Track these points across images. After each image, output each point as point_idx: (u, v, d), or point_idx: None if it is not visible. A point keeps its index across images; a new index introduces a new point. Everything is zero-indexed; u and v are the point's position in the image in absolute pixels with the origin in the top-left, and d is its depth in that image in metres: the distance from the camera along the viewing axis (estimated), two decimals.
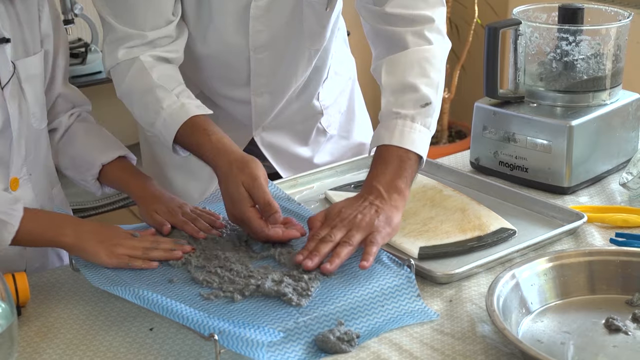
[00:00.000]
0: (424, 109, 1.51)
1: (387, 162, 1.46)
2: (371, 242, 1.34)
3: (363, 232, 1.35)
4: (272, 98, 1.79)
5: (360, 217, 1.37)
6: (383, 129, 1.50)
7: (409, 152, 1.47)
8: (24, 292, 1.31)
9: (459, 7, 3.83)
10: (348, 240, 1.34)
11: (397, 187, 1.43)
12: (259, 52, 1.71)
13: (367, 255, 1.32)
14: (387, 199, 1.41)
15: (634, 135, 1.80)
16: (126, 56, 1.56)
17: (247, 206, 1.40)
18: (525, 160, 1.71)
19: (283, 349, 1.18)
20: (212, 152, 1.48)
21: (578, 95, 1.71)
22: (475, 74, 3.43)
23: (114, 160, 1.59)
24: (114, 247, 1.37)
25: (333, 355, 1.20)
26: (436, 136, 3.96)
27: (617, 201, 1.66)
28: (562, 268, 1.33)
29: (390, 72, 1.56)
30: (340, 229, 1.36)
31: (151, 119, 1.54)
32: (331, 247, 1.33)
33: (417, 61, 1.54)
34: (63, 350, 1.23)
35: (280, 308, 1.23)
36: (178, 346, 1.23)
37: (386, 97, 1.54)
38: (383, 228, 1.37)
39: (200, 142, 1.50)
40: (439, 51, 1.57)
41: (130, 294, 1.25)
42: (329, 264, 1.31)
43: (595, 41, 1.70)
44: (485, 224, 1.51)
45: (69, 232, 1.37)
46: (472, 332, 1.25)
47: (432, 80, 1.54)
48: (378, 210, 1.39)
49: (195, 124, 1.51)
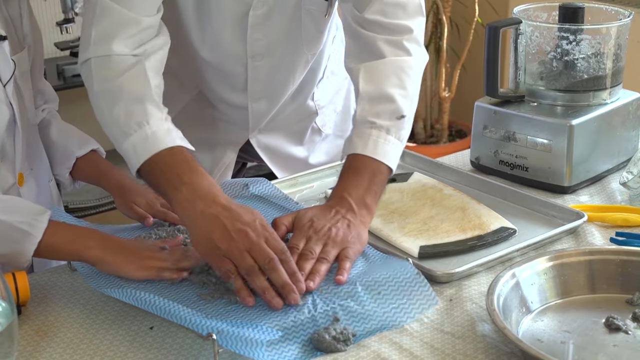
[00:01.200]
0: (399, 121, 1.50)
1: (359, 174, 1.46)
2: (346, 257, 1.33)
3: (338, 247, 1.34)
4: (268, 103, 1.80)
5: (334, 231, 1.36)
6: (357, 137, 1.49)
7: (381, 165, 1.47)
8: (24, 291, 1.31)
9: (460, 7, 3.83)
10: (325, 257, 1.32)
11: (367, 203, 1.43)
12: (257, 59, 1.71)
13: (342, 270, 1.31)
14: (357, 214, 1.41)
15: (635, 135, 1.80)
16: (122, 50, 1.42)
17: None
18: (526, 160, 1.71)
19: (280, 347, 1.18)
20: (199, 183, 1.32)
21: (578, 95, 1.71)
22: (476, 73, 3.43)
23: (87, 154, 1.60)
24: (144, 260, 1.32)
25: (332, 355, 1.20)
26: (436, 135, 3.96)
27: (617, 200, 1.66)
28: (563, 267, 1.33)
29: (368, 79, 1.54)
30: (316, 243, 1.34)
31: (130, 130, 1.36)
32: (312, 263, 1.31)
33: (394, 72, 1.54)
34: (63, 349, 1.23)
35: None
36: (178, 345, 1.23)
37: (362, 105, 1.52)
38: (354, 244, 1.36)
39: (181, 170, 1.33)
40: (417, 63, 1.57)
41: (128, 296, 1.24)
42: (312, 282, 1.27)
43: (596, 40, 1.70)
44: (485, 223, 1.51)
45: (94, 244, 1.32)
46: (472, 331, 1.25)
47: (408, 92, 1.53)
48: (350, 226, 1.38)
49: (180, 153, 1.36)
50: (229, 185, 1.61)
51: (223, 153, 1.87)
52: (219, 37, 1.68)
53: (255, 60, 1.71)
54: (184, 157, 1.35)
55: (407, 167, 1.81)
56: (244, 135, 1.86)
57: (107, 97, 1.41)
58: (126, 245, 1.34)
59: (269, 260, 1.23)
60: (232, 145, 1.88)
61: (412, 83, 1.55)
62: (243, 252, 1.23)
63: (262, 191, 1.60)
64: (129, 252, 1.32)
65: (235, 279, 1.24)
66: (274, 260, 1.24)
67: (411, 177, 1.72)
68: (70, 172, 1.61)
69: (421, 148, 3.74)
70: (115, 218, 1.58)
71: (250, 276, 1.23)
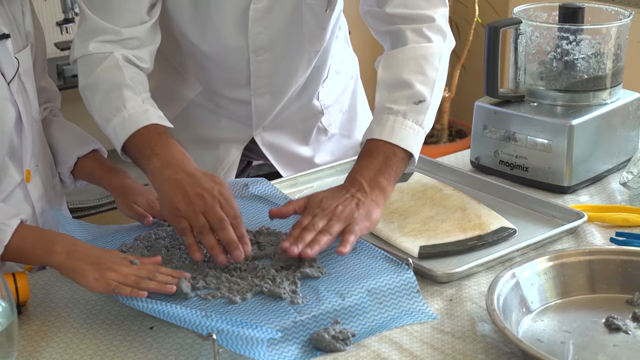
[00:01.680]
0: (417, 106, 1.51)
1: (372, 157, 1.47)
2: (349, 232, 1.36)
3: (343, 222, 1.37)
4: (272, 99, 1.80)
5: (340, 208, 1.39)
6: (374, 123, 1.51)
7: (395, 149, 1.48)
8: (24, 291, 1.31)
9: (460, 6, 3.83)
10: (328, 230, 1.36)
11: (380, 183, 1.44)
12: (259, 54, 1.71)
13: (345, 242, 1.34)
14: (368, 193, 1.43)
15: (634, 135, 1.80)
16: (98, 49, 1.53)
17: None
18: (526, 160, 1.71)
19: (280, 348, 1.18)
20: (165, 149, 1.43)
21: (578, 95, 1.71)
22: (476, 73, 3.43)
23: (89, 154, 1.60)
24: (105, 271, 1.26)
25: (332, 354, 1.20)
26: (436, 135, 3.96)
27: (617, 200, 1.66)
28: (563, 267, 1.33)
29: (386, 67, 1.56)
30: (321, 218, 1.38)
31: (110, 115, 1.48)
32: (313, 235, 1.35)
33: (414, 58, 1.54)
34: (63, 349, 1.23)
35: (278, 307, 1.23)
36: (178, 345, 1.23)
37: (380, 92, 1.54)
38: (362, 221, 1.38)
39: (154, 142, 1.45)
40: (438, 49, 1.57)
41: (127, 300, 1.24)
42: (310, 249, 1.33)
43: (596, 40, 1.70)
44: (485, 223, 1.51)
45: (60, 250, 1.29)
46: (472, 331, 1.25)
47: (428, 77, 1.53)
48: (359, 204, 1.40)
49: (154, 129, 1.47)
50: (231, 185, 1.61)
51: (227, 151, 1.88)
52: (220, 32, 1.68)
53: (257, 54, 1.71)
54: (157, 132, 1.46)
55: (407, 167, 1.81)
56: (248, 133, 1.86)
57: (89, 89, 1.54)
58: (92, 254, 1.29)
59: (219, 220, 1.34)
60: (237, 144, 1.88)
61: (433, 69, 1.54)
62: (198, 214, 1.34)
63: (262, 191, 1.60)
64: (92, 262, 1.27)
65: (188, 236, 1.35)
66: (224, 221, 1.34)
67: (411, 177, 1.72)
68: (71, 171, 1.61)
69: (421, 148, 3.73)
70: (115, 218, 1.58)
71: (201, 234, 1.34)
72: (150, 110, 1.49)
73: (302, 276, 1.31)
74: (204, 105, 1.85)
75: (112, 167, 1.59)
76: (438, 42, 1.58)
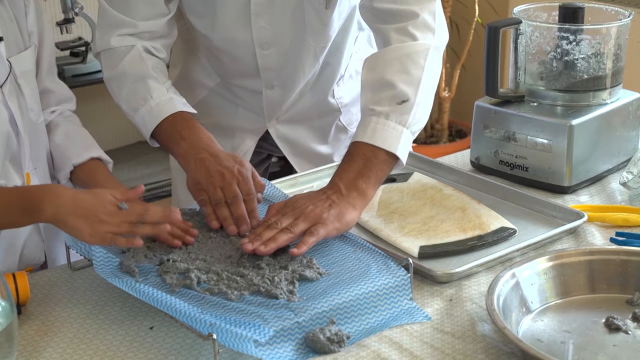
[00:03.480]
0: (400, 106, 1.49)
1: (353, 160, 1.47)
2: (311, 233, 1.36)
3: (308, 222, 1.38)
4: (282, 91, 1.82)
5: (311, 208, 1.39)
6: (359, 126, 1.51)
7: (377, 151, 1.47)
8: (24, 290, 1.31)
9: (460, 6, 3.84)
10: (290, 228, 1.37)
11: (358, 186, 1.44)
12: (265, 48, 1.74)
13: (301, 244, 1.35)
14: (345, 195, 1.43)
15: (634, 135, 1.80)
16: (120, 43, 1.63)
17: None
18: (526, 160, 1.71)
19: (275, 347, 1.18)
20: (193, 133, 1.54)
21: (578, 95, 1.71)
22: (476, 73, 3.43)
23: (88, 162, 1.58)
24: (98, 224, 1.29)
25: (332, 355, 1.20)
26: (436, 135, 3.96)
27: (617, 200, 1.66)
28: (562, 267, 1.33)
29: (370, 68, 1.56)
30: (288, 217, 1.39)
31: (137, 105, 1.59)
32: (274, 233, 1.36)
33: (397, 58, 1.53)
34: (63, 349, 1.23)
35: (275, 307, 1.23)
36: (178, 345, 1.23)
37: (364, 94, 1.54)
38: (331, 222, 1.38)
39: (181, 127, 1.55)
40: (424, 47, 1.54)
41: (128, 287, 1.25)
42: (264, 246, 1.34)
43: (596, 40, 1.70)
44: (485, 223, 1.51)
45: (46, 207, 1.30)
46: (472, 331, 1.25)
47: (412, 77, 1.51)
48: (332, 205, 1.41)
49: (180, 116, 1.58)
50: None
51: (241, 140, 1.91)
52: (226, 25, 1.71)
53: (263, 49, 1.74)
54: (183, 118, 1.57)
55: (407, 167, 1.81)
56: (262, 124, 1.89)
57: (115, 81, 1.64)
58: (81, 205, 1.30)
59: (233, 196, 1.45)
60: (251, 134, 1.90)
61: (418, 67, 1.52)
62: (217, 188, 1.46)
63: (264, 192, 1.60)
64: (83, 215, 1.29)
65: (207, 207, 1.46)
66: (238, 197, 1.45)
67: (411, 177, 1.72)
68: (70, 178, 1.60)
69: (421, 148, 3.74)
70: None
71: (217, 206, 1.45)
72: (175, 99, 1.60)
73: (300, 278, 1.31)
74: (222, 94, 1.89)
75: (106, 177, 1.58)
76: (425, 39, 1.55)
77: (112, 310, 1.32)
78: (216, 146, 1.54)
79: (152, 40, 1.65)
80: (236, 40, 1.73)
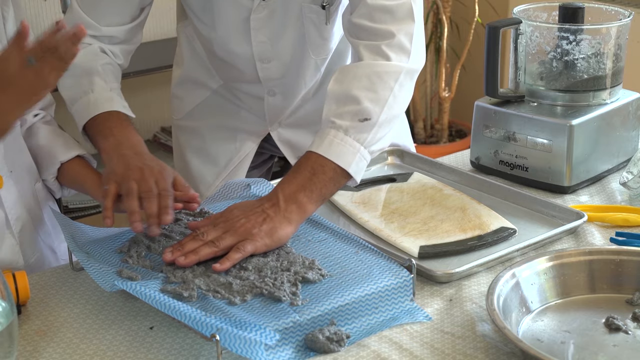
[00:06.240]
0: (362, 123, 1.44)
1: (299, 171, 1.42)
2: (237, 249, 1.33)
3: (237, 237, 1.34)
4: (283, 99, 1.83)
5: (242, 221, 1.36)
6: (317, 136, 1.46)
7: (327, 165, 1.42)
8: (24, 290, 1.31)
9: (460, 7, 3.84)
10: (216, 242, 1.33)
11: (298, 199, 1.39)
12: (265, 61, 1.75)
13: (224, 259, 1.31)
14: (282, 209, 1.38)
15: (635, 135, 1.80)
16: None
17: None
18: (526, 160, 1.71)
19: (276, 348, 1.18)
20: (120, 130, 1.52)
21: (578, 95, 1.71)
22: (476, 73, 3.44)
23: (73, 160, 1.59)
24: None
25: (332, 354, 1.20)
26: (436, 135, 3.96)
27: (617, 200, 1.66)
28: (562, 267, 1.33)
29: (338, 80, 1.50)
30: (217, 229, 1.35)
31: (77, 96, 1.57)
32: (198, 245, 1.33)
33: (366, 75, 1.48)
34: (63, 349, 1.23)
35: (278, 309, 1.23)
36: (178, 345, 1.23)
37: (328, 105, 1.48)
38: (261, 238, 1.34)
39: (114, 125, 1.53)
40: (396, 69, 1.48)
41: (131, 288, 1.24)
42: (184, 258, 1.31)
43: (596, 40, 1.70)
44: (485, 223, 1.51)
45: None
46: (472, 331, 1.25)
47: (379, 96, 1.46)
48: (265, 219, 1.36)
49: (117, 115, 1.55)
50: (231, 186, 1.61)
51: (243, 143, 1.91)
52: (225, 39, 1.72)
53: (264, 62, 1.75)
54: (118, 118, 1.55)
55: (407, 167, 1.81)
56: (263, 127, 1.89)
57: None
58: None
59: (147, 190, 1.39)
60: (253, 136, 1.91)
61: (387, 88, 1.47)
62: (131, 180, 1.40)
63: (263, 192, 1.60)
64: None
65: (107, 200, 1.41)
66: (152, 192, 1.38)
67: (411, 177, 1.72)
68: (57, 177, 1.60)
69: (421, 148, 3.74)
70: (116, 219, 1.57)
71: (126, 196, 1.39)
72: (116, 99, 1.57)
73: (303, 279, 1.30)
74: (225, 96, 1.89)
75: (94, 173, 1.57)
76: (399, 60, 1.50)
77: (112, 310, 1.32)
78: (143, 147, 1.50)
79: (111, 45, 1.65)
80: (236, 53, 1.73)
